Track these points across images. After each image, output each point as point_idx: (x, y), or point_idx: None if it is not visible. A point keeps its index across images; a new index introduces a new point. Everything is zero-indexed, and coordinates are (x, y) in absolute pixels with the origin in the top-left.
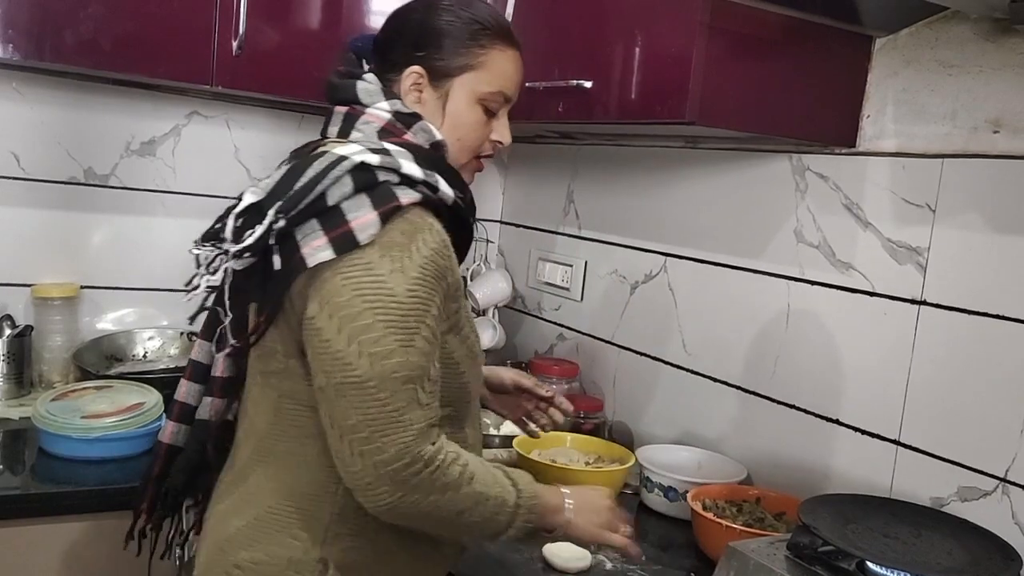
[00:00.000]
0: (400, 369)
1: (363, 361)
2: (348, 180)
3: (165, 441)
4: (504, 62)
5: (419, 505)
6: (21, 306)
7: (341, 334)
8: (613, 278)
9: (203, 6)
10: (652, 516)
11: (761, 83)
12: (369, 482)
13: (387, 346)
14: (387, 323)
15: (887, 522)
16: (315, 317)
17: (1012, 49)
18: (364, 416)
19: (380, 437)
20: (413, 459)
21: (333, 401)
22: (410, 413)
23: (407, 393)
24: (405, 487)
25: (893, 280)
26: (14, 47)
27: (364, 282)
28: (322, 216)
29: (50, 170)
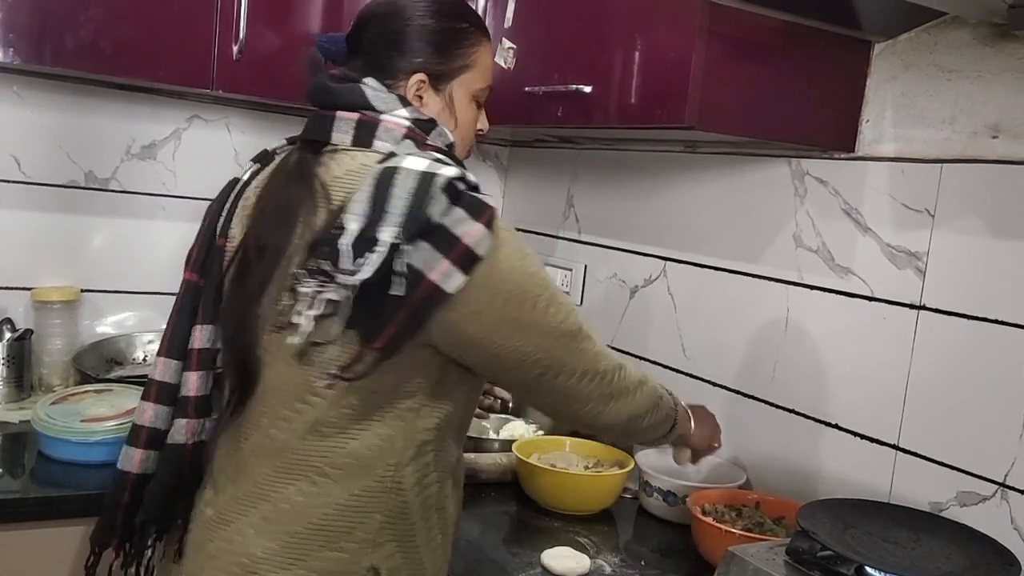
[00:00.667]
0: (575, 323)
1: (563, 333)
2: (443, 196)
3: (135, 471)
4: (487, 56)
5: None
6: (21, 309)
7: (519, 335)
8: (613, 282)
9: (204, 10)
10: (651, 520)
11: (760, 88)
12: (610, 392)
13: (558, 313)
14: (547, 298)
15: (886, 527)
16: (483, 337)
17: (1011, 54)
18: (586, 365)
19: (603, 369)
20: (615, 369)
21: (557, 379)
22: (596, 344)
23: (588, 331)
24: (620, 396)
25: (892, 285)
26: (15, 51)
27: (510, 280)
28: (430, 236)
29: (50, 173)
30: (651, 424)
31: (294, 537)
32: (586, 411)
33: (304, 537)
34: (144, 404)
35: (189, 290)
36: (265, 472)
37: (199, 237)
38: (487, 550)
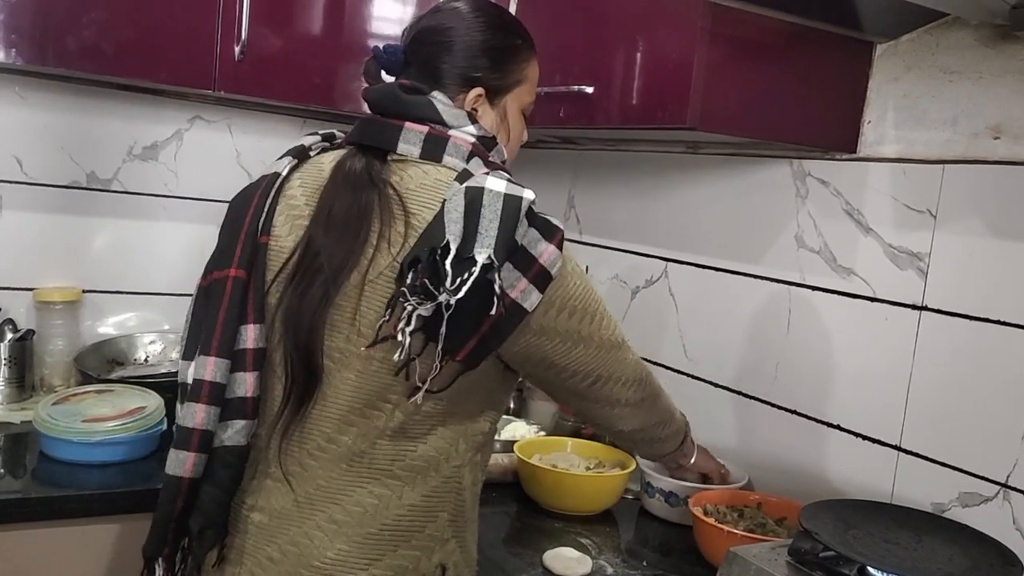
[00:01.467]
0: (620, 335)
1: (615, 343)
2: (525, 220)
3: (187, 476)
4: (536, 69)
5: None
6: (23, 310)
7: (594, 339)
8: (614, 283)
9: (206, 11)
10: (653, 521)
11: (762, 89)
12: (643, 397)
13: (608, 325)
14: (601, 312)
15: (888, 528)
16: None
17: (1013, 55)
18: (628, 373)
19: (638, 376)
20: (648, 374)
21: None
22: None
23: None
24: (653, 394)
25: (894, 285)
26: (17, 52)
27: (569, 294)
28: (512, 257)
29: (53, 174)
30: (669, 433)
31: (369, 538)
32: (624, 415)
33: (379, 538)
34: (193, 406)
35: (236, 287)
36: (331, 475)
37: (237, 232)
38: (488, 550)
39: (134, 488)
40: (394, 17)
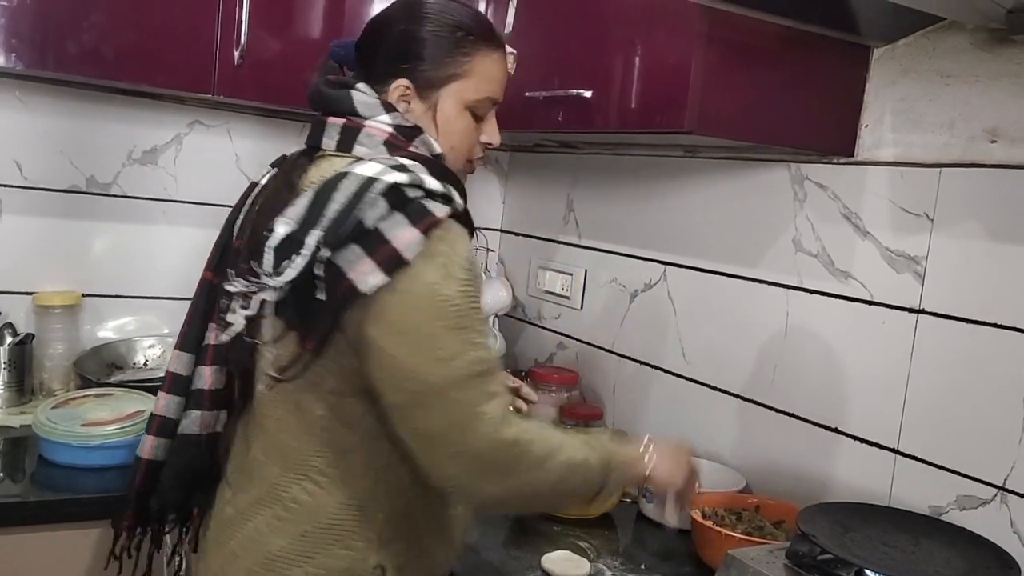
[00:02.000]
0: (473, 366)
1: (437, 368)
2: (382, 201)
3: (145, 456)
4: (489, 66)
5: (523, 487)
6: (22, 314)
7: (407, 348)
8: (613, 287)
9: (205, 16)
10: (651, 525)
11: (759, 93)
12: (471, 480)
13: (453, 348)
14: (447, 327)
15: (886, 531)
16: (376, 338)
17: (1009, 59)
18: (449, 420)
19: (469, 436)
20: (501, 445)
21: (412, 414)
22: (487, 404)
23: (481, 387)
24: (506, 473)
25: (891, 289)
26: (17, 56)
27: (417, 293)
28: (361, 240)
29: (52, 178)
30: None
31: (306, 536)
32: (450, 475)
33: (314, 536)
34: (160, 394)
35: (203, 287)
36: (275, 472)
37: (219, 237)
38: (487, 554)
39: None
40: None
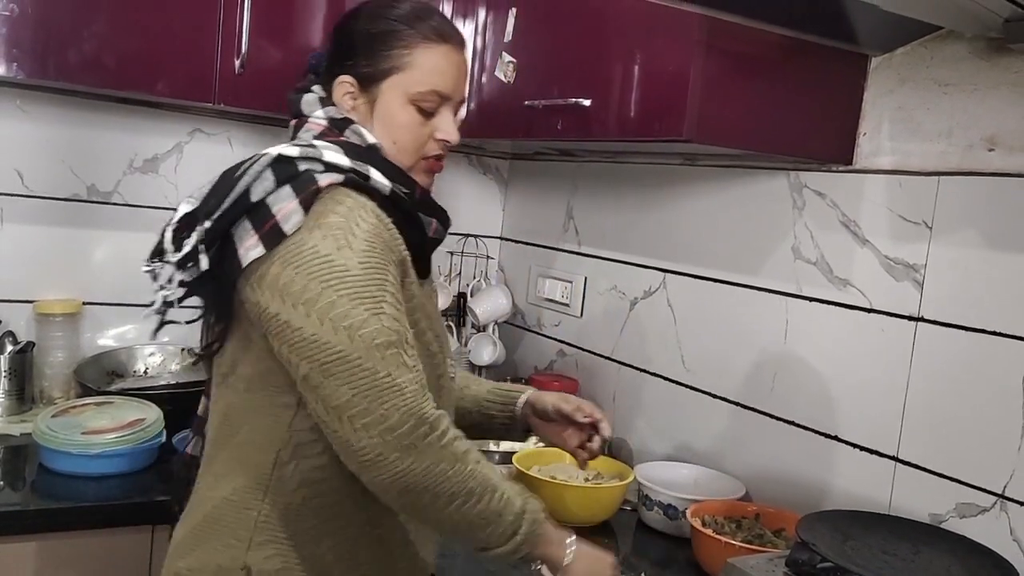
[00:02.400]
0: (378, 335)
1: (341, 336)
2: (269, 174)
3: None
4: (433, 59)
5: (430, 473)
6: (23, 322)
7: (310, 318)
8: (612, 294)
9: (206, 25)
10: (650, 534)
11: (758, 101)
12: (379, 453)
13: (359, 316)
14: (350, 295)
15: (885, 539)
16: (278, 312)
17: (1006, 68)
18: (357, 389)
19: (379, 406)
20: (418, 420)
21: (322, 384)
22: (401, 376)
23: (393, 357)
24: (415, 451)
25: (890, 297)
26: (18, 65)
27: (314, 264)
28: (251, 214)
29: (53, 187)
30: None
31: (195, 528)
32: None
33: (199, 528)
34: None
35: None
36: (203, 464)
37: None
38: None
39: (133, 500)
40: None
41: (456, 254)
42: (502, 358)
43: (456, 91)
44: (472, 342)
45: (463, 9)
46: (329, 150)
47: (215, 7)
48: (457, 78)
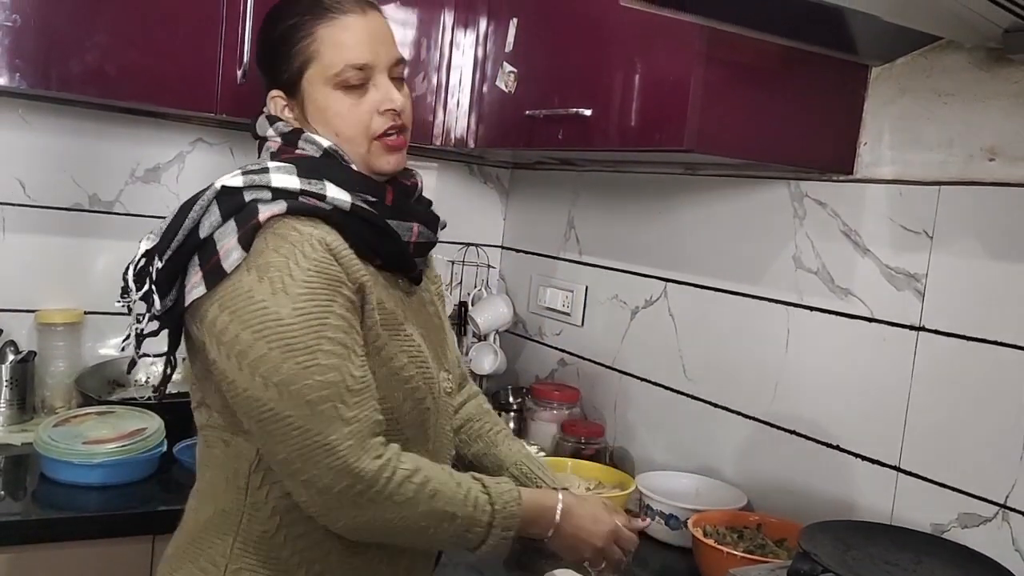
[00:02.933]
0: (308, 391)
1: (271, 392)
2: (215, 208)
3: None
4: (335, 34)
5: (377, 523)
6: (25, 331)
7: (243, 372)
8: (614, 303)
9: (208, 35)
10: (651, 543)
11: (759, 111)
12: (318, 511)
13: (289, 371)
14: (282, 347)
15: (887, 549)
16: (216, 359)
17: (1007, 78)
18: (291, 448)
19: (313, 466)
20: (353, 479)
21: (262, 439)
22: (335, 432)
23: (325, 413)
24: (356, 508)
25: (892, 306)
26: (21, 76)
27: (248, 312)
28: (200, 250)
29: (55, 197)
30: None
31: (178, 548)
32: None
33: (183, 549)
34: None
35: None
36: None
37: None
38: (488, 572)
39: (134, 510)
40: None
41: (457, 263)
42: (503, 367)
43: (376, 56)
44: (473, 351)
45: (464, 19)
46: (280, 172)
47: (217, 17)
48: (370, 43)
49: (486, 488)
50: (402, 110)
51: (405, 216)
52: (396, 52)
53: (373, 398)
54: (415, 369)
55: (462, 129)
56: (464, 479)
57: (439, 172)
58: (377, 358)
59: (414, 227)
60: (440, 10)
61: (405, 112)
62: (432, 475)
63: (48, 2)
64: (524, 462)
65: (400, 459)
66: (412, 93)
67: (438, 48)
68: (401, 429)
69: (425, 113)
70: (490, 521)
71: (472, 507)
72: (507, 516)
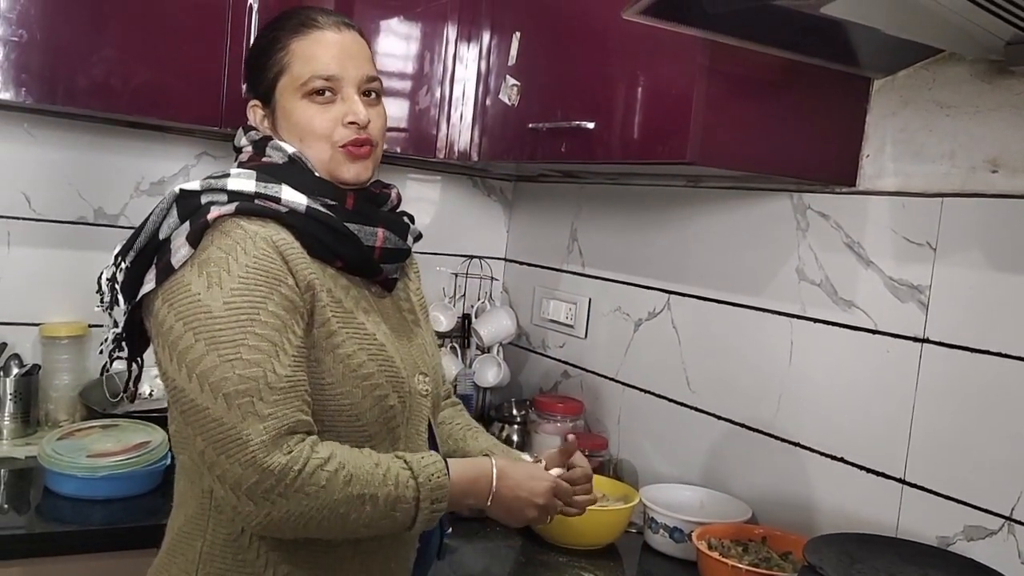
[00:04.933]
0: (226, 385)
1: (192, 384)
2: (174, 211)
3: None
4: (307, 47)
5: (292, 517)
6: (29, 345)
7: (172, 362)
8: (617, 315)
9: (213, 49)
10: (656, 557)
11: (761, 123)
12: (233, 504)
13: (210, 363)
14: (207, 340)
15: (893, 562)
16: (156, 351)
17: (1008, 90)
18: (207, 439)
19: (225, 459)
20: (262, 475)
21: (187, 430)
22: (249, 428)
23: (242, 407)
24: (266, 503)
25: (895, 318)
26: (27, 90)
27: (183, 304)
28: (158, 252)
29: (60, 210)
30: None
31: (159, 556)
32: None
33: (162, 557)
34: None
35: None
36: None
37: None
38: None
39: (138, 523)
40: (398, 53)
41: (460, 275)
42: (507, 379)
43: (343, 70)
44: (477, 363)
45: (467, 33)
46: (239, 177)
47: (222, 32)
48: (339, 57)
49: (408, 464)
50: (366, 123)
51: (368, 221)
52: (368, 69)
53: (300, 399)
54: (375, 366)
55: (465, 142)
56: (384, 459)
57: (442, 185)
58: (332, 355)
59: (379, 232)
60: (443, 23)
61: (372, 127)
62: (347, 460)
63: (54, 17)
64: (491, 449)
65: (314, 449)
66: (416, 107)
67: (441, 61)
68: (363, 426)
69: (428, 126)
70: (416, 496)
71: (393, 485)
72: (435, 487)
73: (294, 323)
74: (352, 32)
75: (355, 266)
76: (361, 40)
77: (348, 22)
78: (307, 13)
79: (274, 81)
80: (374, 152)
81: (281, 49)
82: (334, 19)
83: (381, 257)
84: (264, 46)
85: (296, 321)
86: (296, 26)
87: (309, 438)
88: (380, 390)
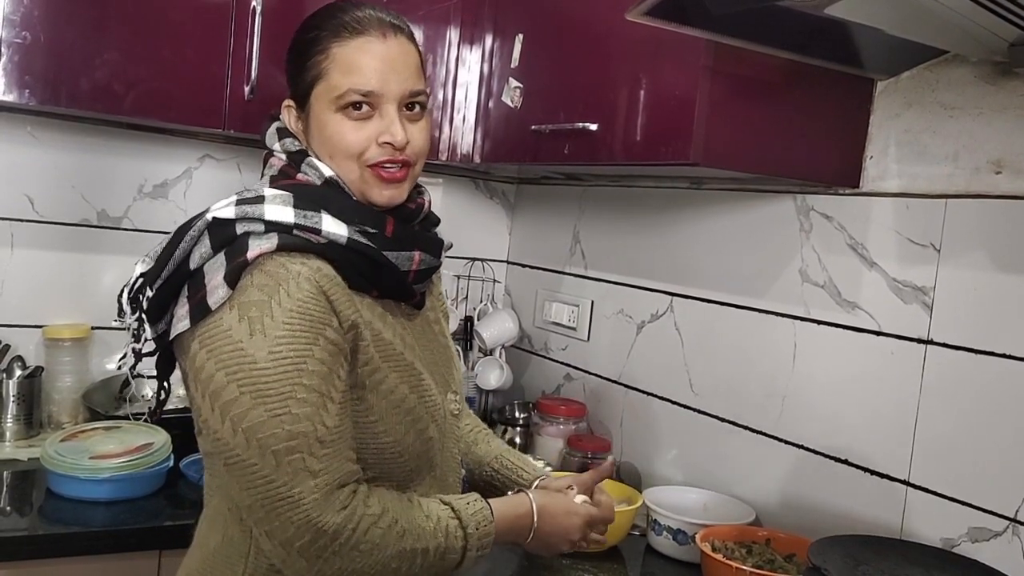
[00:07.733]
0: (275, 441)
1: (239, 438)
2: (206, 240)
3: None
4: (348, 55)
5: (344, 572)
6: (32, 347)
7: (215, 412)
8: (619, 318)
9: (216, 52)
10: (659, 559)
11: (764, 125)
12: (283, 559)
13: (258, 419)
14: (253, 392)
15: (898, 564)
16: (194, 396)
17: (1012, 91)
18: (255, 496)
19: (276, 517)
20: (315, 534)
21: (230, 482)
22: (300, 485)
23: (292, 464)
24: (319, 561)
25: (899, 319)
26: (31, 93)
27: (225, 352)
28: (191, 280)
29: (63, 212)
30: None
31: (188, 573)
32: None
33: (196, 573)
34: None
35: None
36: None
37: None
38: None
39: (141, 525)
40: None
41: (463, 278)
42: (509, 382)
43: (384, 85)
44: (479, 366)
45: (470, 36)
46: (275, 203)
47: (225, 34)
48: (381, 71)
49: (456, 512)
50: (403, 145)
51: (405, 246)
52: (413, 83)
53: (348, 447)
54: (416, 400)
55: (468, 144)
56: (432, 508)
57: (445, 187)
58: (376, 392)
59: (415, 255)
60: (446, 26)
61: (412, 147)
62: (400, 515)
63: (57, 20)
64: (504, 455)
65: (366, 504)
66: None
67: (444, 64)
68: (405, 461)
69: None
70: (464, 545)
71: (444, 536)
72: (482, 535)
73: (339, 367)
74: (399, 38)
75: (390, 293)
76: (409, 46)
77: (396, 23)
78: (352, 12)
79: (311, 85)
80: (411, 172)
81: (321, 52)
82: (380, 21)
83: (415, 279)
84: (304, 44)
85: (341, 364)
86: (338, 27)
87: (361, 489)
88: (421, 423)
